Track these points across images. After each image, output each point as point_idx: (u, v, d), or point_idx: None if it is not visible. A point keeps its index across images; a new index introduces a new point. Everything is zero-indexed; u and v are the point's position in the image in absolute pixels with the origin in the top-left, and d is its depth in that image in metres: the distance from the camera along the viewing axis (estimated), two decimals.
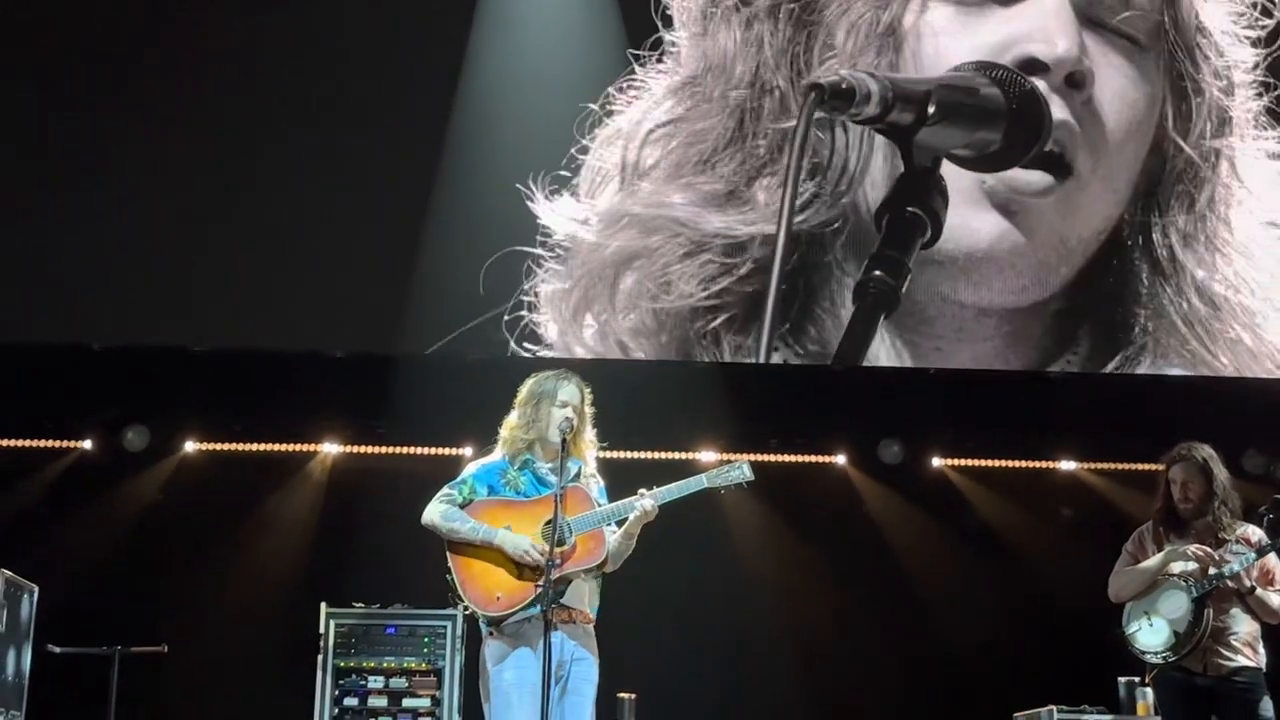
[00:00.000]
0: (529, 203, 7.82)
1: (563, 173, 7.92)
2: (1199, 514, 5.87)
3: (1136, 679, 7.39)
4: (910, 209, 7.56)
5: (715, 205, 7.83)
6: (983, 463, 9.28)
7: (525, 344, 7.79)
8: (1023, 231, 7.84)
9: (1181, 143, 7.96)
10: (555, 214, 7.84)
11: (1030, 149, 7.70)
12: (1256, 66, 8.08)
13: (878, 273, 7.58)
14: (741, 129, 7.87)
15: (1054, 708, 7.38)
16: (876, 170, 7.85)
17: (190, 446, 8.79)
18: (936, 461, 9.25)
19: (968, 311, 7.99)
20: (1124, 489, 9.06)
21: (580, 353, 7.80)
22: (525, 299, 7.82)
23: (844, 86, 7.32)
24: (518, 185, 7.86)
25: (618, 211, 7.87)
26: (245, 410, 8.74)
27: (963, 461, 9.27)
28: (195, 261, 8.08)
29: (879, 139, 7.74)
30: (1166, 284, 8.03)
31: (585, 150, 7.90)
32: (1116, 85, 7.85)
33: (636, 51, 7.95)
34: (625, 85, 7.92)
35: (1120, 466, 9.19)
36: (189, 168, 8.01)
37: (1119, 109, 7.86)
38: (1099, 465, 9.26)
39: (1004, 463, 9.29)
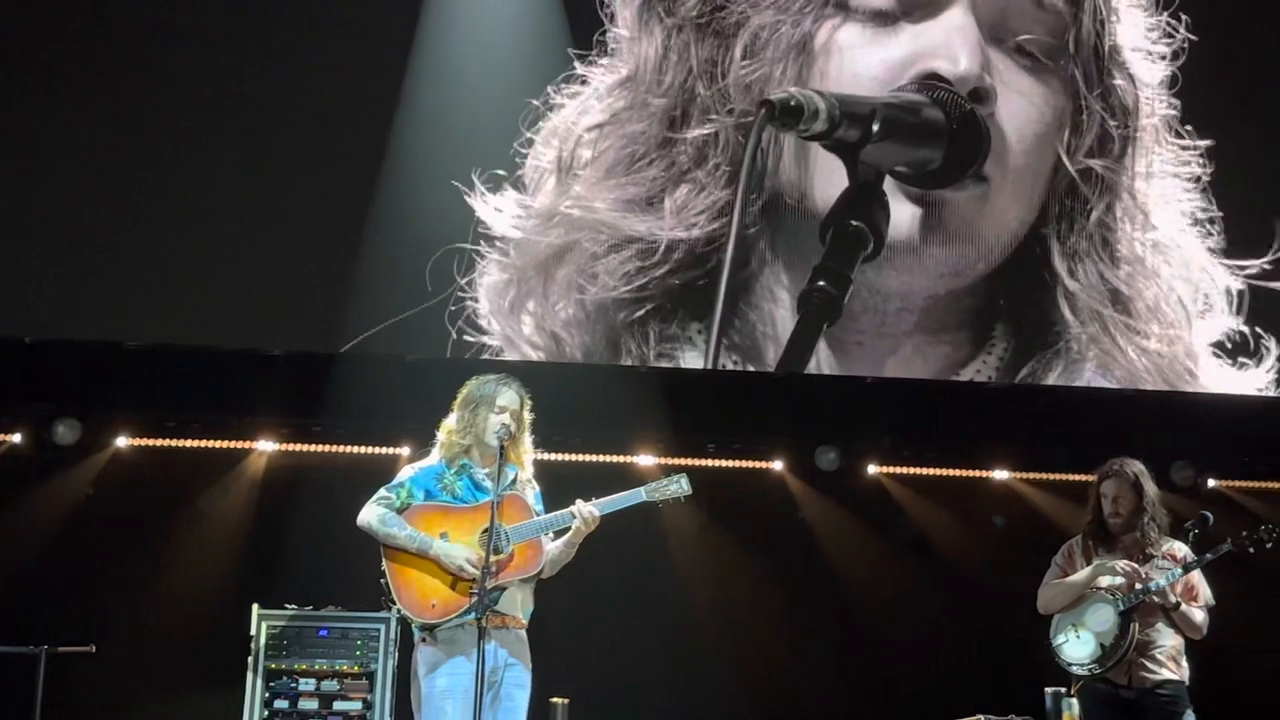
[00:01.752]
0: (467, 198, 7.86)
1: (499, 171, 7.93)
2: (1128, 529, 5.95)
3: (1063, 689, 7.48)
4: (854, 222, 7.79)
5: (635, 210, 7.98)
6: (918, 471, 9.35)
7: (465, 336, 7.81)
8: (940, 223, 8.03)
9: (1073, 159, 8.15)
10: (493, 210, 7.91)
11: (968, 169, 7.97)
12: (1168, 83, 8.24)
13: (821, 283, 7.80)
14: (667, 136, 8.00)
15: (981, 717, 7.45)
16: (789, 170, 8.01)
17: (122, 442, 8.68)
18: (872, 469, 9.31)
19: (890, 305, 8.11)
20: (1056, 499, 9.17)
21: (522, 345, 7.89)
22: (464, 294, 7.83)
23: (793, 104, 7.60)
24: (454, 182, 7.89)
25: (551, 209, 7.98)
26: (179, 406, 8.63)
27: (898, 469, 9.34)
28: (131, 256, 7.98)
29: (788, 141, 7.94)
30: (1070, 295, 8.21)
31: (529, 144, 7.96)
32: (1019, 101, 8.07)
33: (580, 52, 7.99)
34: (565, 79, 7.97)
35: (1052, 477, 9.29)
36: (125, 161, 7.91)
37: (1021, 123, 8.08)
38: (1032, 475, 9.36)
39: (939, 471, 9.37)
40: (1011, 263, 8.20)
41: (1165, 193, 8.29)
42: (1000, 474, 9.39)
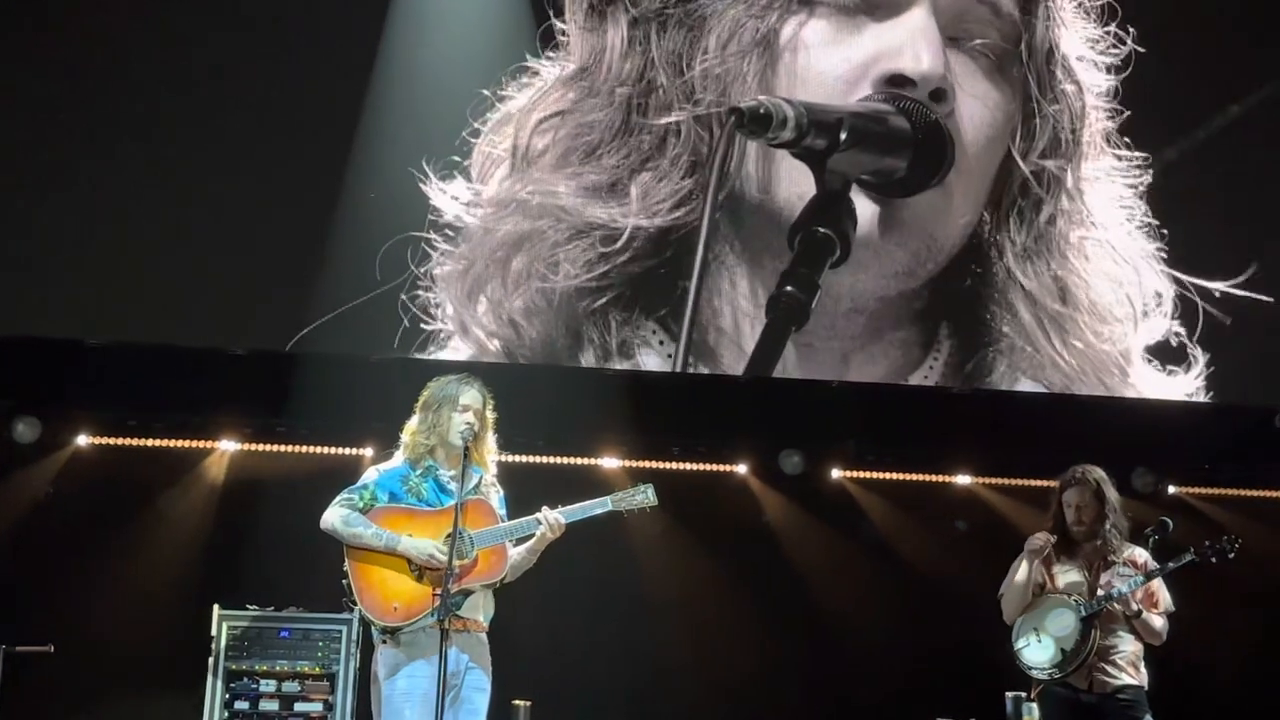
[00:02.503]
0: (421, 185, 7.84)
1: (455, 158, 7.93)
2: (1090, 536, 5.99)
3: (1023, 694, 7.53)
4: (821, 229, 7.82)
5: (598, 197, 7.96)
6: (881, 475, 9.38)
7: (421, 323, 7.80)
8: (897, 223, 8.09)
9: (1024, 160, 8.22)
10: (447, 197, 7.90)
11: (933, 178, 8.03)
12: (1110, 93, 8.32)
13: (789, 288, 7.83)
14: (627, 124, 8.00)
15: None
16: (750, 164, 8.06)
17: (83, 440, 8.62)
18: (836, 473, 9.34)
19: (840, 306, 8.13)
20: (1017, 504, 9.22)
21: (476, 332, 7.87)
22: (420, 283, 7.83)
23: (762, 111, 7.66)
24: (410, 169, 7.86)
25: (507, 197, 7.95)
26: (141, 405, 8.57)
27: (862, 474, 9.37)
28: (92, 253, 7.93)
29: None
30: (1013, 294, 8.28)
31: (476, 134, 7.95)
32: (974, 104, 8.13)
33: (535, 53, 8.01)
34: (517, 71, 7.97)
35: (1015, 482, 9.35)
36: (86, 157, 7.85)
37: (975, 124, 8.14)
38: (994, 480, 9.41)
39: (902, 476, 9.41)
40: (958, 263, 8.25)
41: (1112, 197, 8.38)
42: (963, 479, 9.44)
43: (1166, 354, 8.34)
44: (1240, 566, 6.17)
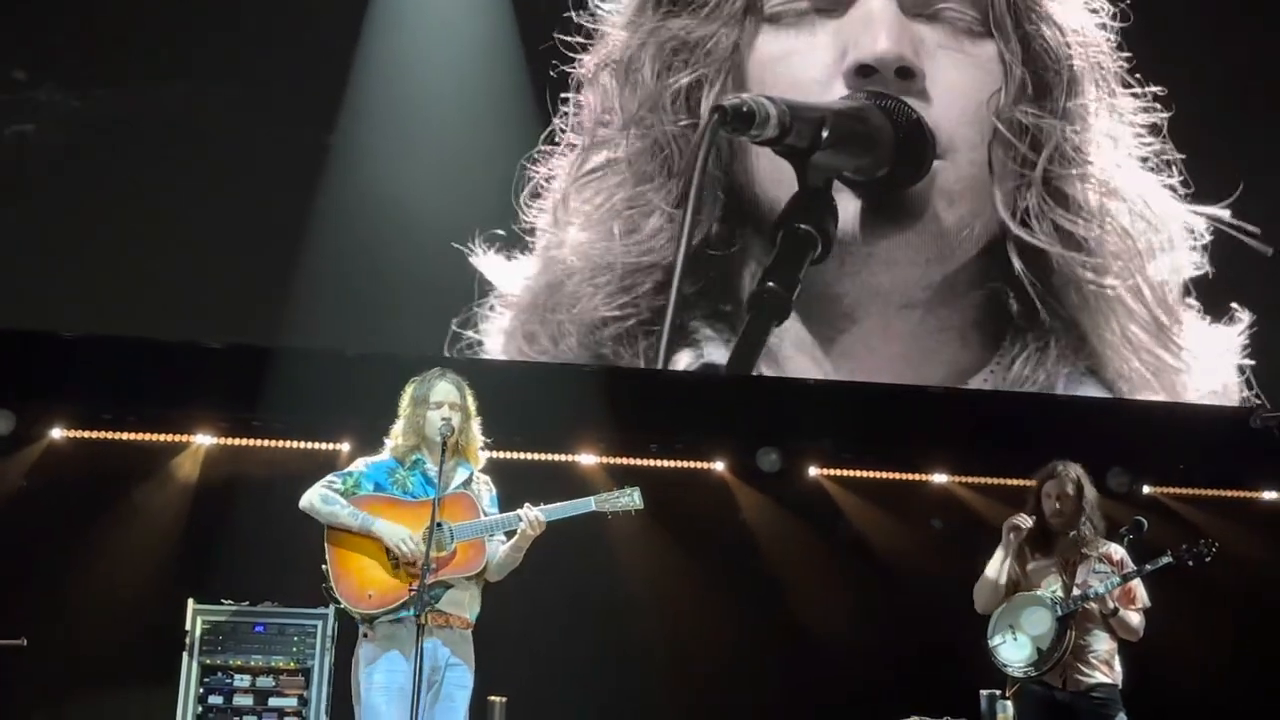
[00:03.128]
0: (469, 257, 7.98)
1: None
2: (1067, 528, 6.02)
3: (998, 692, 7.55)
4: (803, 226, 7.97)
5: (616, 240, 8.12)
6: (858, 473, 9.40)
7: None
8: (886, 218, 8.20)
9: (1005, 113, 8.26)
10: (495, 268, 8.04)
11: (917, 176, 8.14)
12: (1109, 30, 8.37)
13: (771, 284, 8.01)
14: (646, 167, 8.15)
15: (916, 718, 7.50)
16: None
17: (57, 433, 8.56)
18: (813, 471, 9.35)
19: (893, 301, 8.25)
20: (994, 503, 9.24)
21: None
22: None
23: (745, 110, 7.82)
24: (454, 244, 7.95)
25: (546, 257, 8.11)
26: (116, 399, 8.52)
27: (839, 472, 9.38)
28: (69, 245, 7.89)
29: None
30: (1054, 277, 8.35)
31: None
32: (951, 74, 8.22)
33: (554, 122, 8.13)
34: (548, 138, 8.14)
35: (991, 481, 9.37)
36: (62, 148, 7.81)
37: (954, 97, 8.23)
38: (971, 479, 9.43)
39: (879, 474, 9.42)
40: (987, 262, 8.33)
41: (1115, 136, 8.41)
42: (939, 477, 9.46)
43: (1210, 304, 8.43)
44: (1213, 567, 6.21)
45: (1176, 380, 8.45)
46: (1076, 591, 5.88)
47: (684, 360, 8.14)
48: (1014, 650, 5.93)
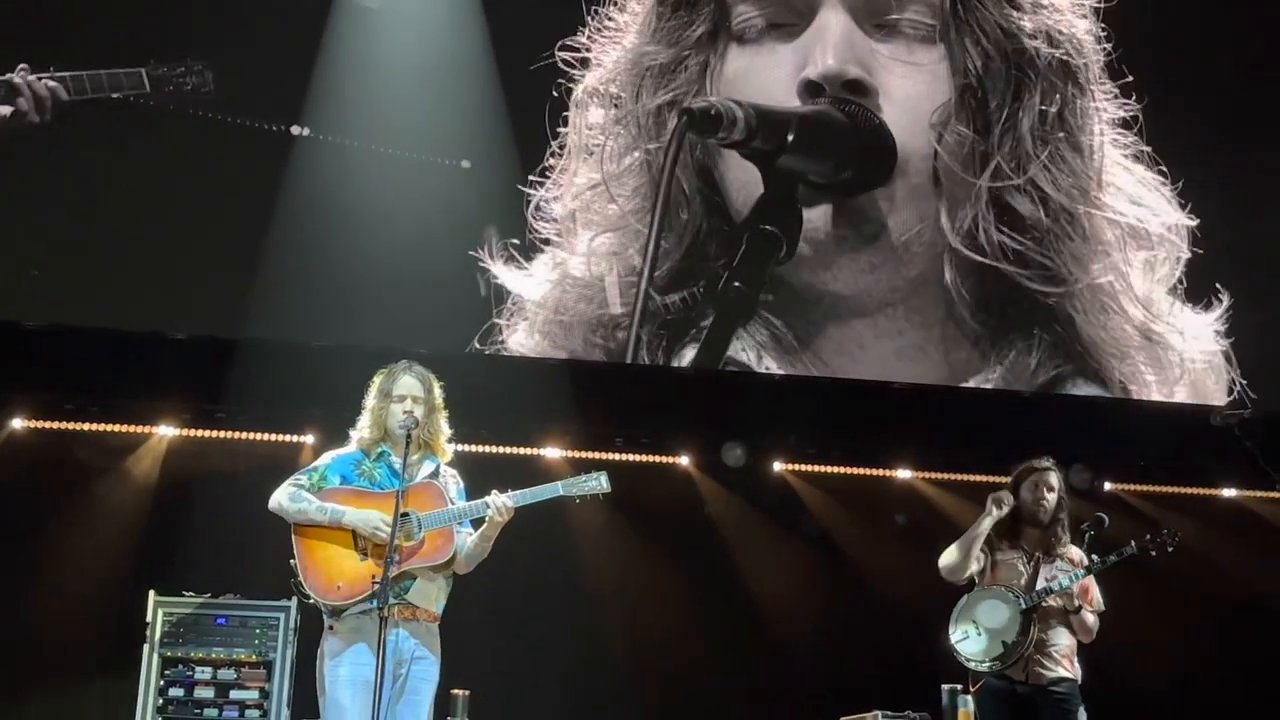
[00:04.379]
0: (480, 263, 8.06)
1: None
2: (1043, 525, 6.03)
3: (959, 686, 7.59)
4: (768, 227, 8.13)
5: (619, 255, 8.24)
6: (822, 469, 9.43)
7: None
8: (850, 222, 8.33)
9: (981, 113, 8.39)
10: (511, 277, 8.14)
11: (879, 180, 8.31)
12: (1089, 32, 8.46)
13: (736, 284, 8.16)
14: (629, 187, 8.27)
15: (879, 713, 7.53)
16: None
17: (18, 424, 8.49)
18: (778, 466, 9.38)
19: (870, 301, 8.37)
20: (956, 499, 9.30)
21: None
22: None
23: (713, 113, 8.04)
24: (471, 253, 8.01)
25: (552, 270, 8.22)
26: (78, 389, 8.46)
27: (803, 467, 9.41)
28: (31, 235, 7.84)
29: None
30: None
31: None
32: (905, 87, 8.35)
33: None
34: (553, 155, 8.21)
35: (953, 477, 9.42)
36: (24, 139, 7.74)
37: (905, 109, 8.35)
38: (933, 475, 9.48)
39: (843, 469, 9.45)
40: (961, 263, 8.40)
41: (1087, 135, 8.50)
42: (903, 473, 9.50)
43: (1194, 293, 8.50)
44: (1173, 563, 6.26)
45: (1162, 372, 8.52)
46: (1042, 584, 5.91)
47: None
48: (976, 644, 5.95)
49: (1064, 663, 5.93)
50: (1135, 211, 8.52)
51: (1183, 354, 8.54)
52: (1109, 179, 8.50)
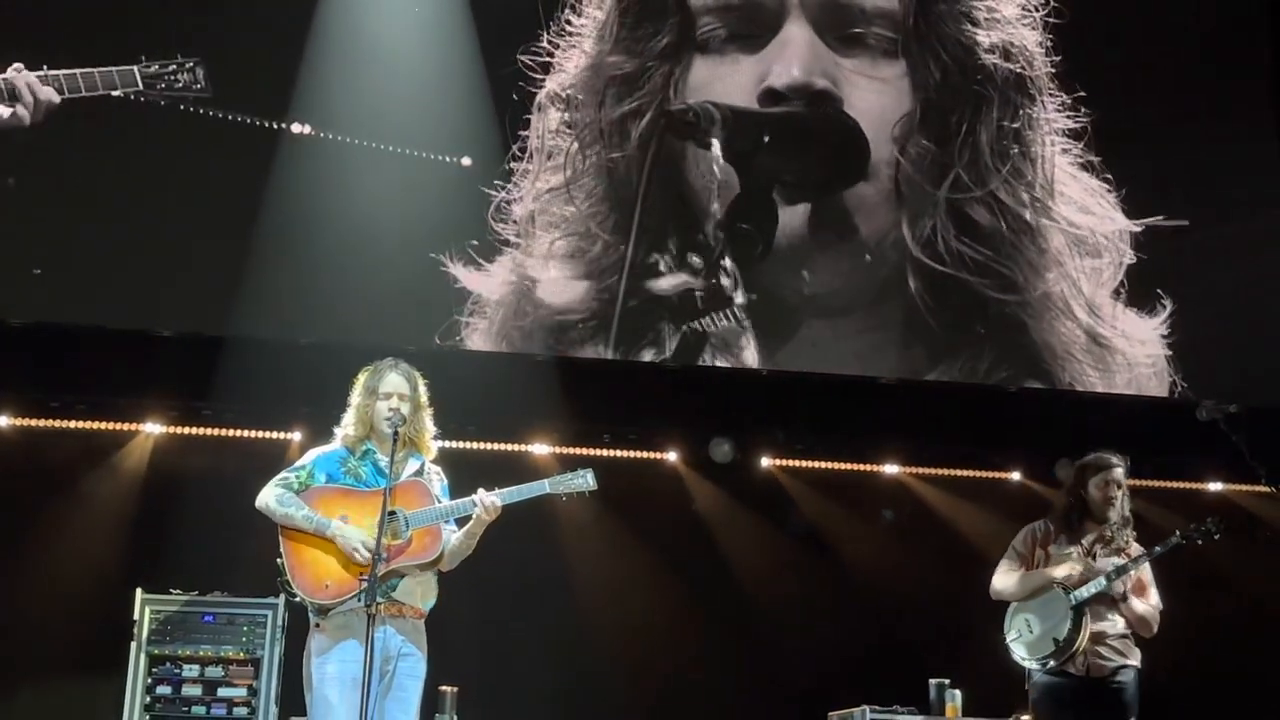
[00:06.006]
0: (443, 269, 8.08)
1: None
2: (1113, 522, 6.03)
3: (946, 680, 7.62)
4: (743, 225, 8.33)
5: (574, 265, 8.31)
6: (811, 464, 9.43)
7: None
8: (825, 222, 8.45)
9: (929, 139, 8.51)
10: (474, 277, 8.15)
11: (853, 180, 8.46)
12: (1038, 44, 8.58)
13: (713, 281, 8.26)
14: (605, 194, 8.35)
15: (867, 707, 7.55)
16: None
17: (3, 421, 8.46)
18: (766, 461, 9.38)
19: (835, 301, 8.46)
20: (944, 494, 9.33)
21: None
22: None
23: (690, 115, 8.25)
24: (432, 254, 8.02)
25: (511, 272, 8.25)
26: (63, 387, 8.43)
27: (791, 462, 9.42)
28: (15, 231, 7.82)
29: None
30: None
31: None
32: (869, 98, 8.49)
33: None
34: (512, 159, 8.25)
35: (943, 472, 9.44)
36: (8, 132, 7.72)
37: (869, 121, 8.49)
38: (922, 470, 9.49)
39: (831, 465, 9.46)
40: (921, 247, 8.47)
41: (1038, 144, 8.60)
42: (891, 469, 9.51)
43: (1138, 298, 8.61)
44: (1165, 558, 6.27)
45: (1108, 375, 8.58)
46: (1090, 577, 5.88)
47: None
48: (1030, 643, 5.94)
49: (1125, 651, 5.91)
50: (1085, 220, 8.59)
51: (1128, 357, 8.61)
52: (1060, 188, 8.56)
